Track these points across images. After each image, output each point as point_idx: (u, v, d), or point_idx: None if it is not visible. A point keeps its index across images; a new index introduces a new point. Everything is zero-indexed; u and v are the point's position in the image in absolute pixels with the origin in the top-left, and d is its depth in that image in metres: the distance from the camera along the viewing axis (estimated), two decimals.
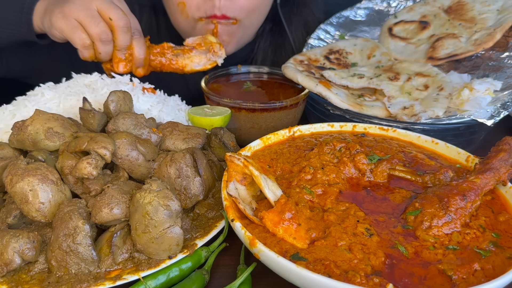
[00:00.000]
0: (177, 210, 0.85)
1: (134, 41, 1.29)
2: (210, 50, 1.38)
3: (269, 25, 1.77)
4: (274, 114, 1.30)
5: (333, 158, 1.01)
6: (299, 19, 1.77)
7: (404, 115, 1.26)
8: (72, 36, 1.22)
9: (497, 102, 1.25)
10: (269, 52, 1.77)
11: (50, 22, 1.24)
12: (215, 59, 1.39)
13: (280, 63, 1.65)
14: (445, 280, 0.73)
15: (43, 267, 0.85)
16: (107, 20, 1.23)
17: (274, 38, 1.78)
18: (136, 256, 0.87)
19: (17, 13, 1.30)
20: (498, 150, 0.97)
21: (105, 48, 1.25)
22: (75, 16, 1.21)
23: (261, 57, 1.77)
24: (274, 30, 1.78)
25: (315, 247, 0.79)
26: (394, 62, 1.52)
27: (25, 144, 1.00)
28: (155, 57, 1.35)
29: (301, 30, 1.78)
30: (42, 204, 0.87)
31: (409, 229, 0.84)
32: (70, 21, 1.21)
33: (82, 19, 1.21)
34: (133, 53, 1.30)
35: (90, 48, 1.25)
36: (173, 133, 1.10)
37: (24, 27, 1.31)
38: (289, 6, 1.76)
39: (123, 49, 1.28)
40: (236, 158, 0.93)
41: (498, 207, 0.91)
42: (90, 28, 1.21)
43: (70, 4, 1.22)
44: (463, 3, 1.64)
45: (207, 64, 1.39)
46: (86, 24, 1.21)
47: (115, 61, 1.29)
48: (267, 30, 1.77)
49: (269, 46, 1.78)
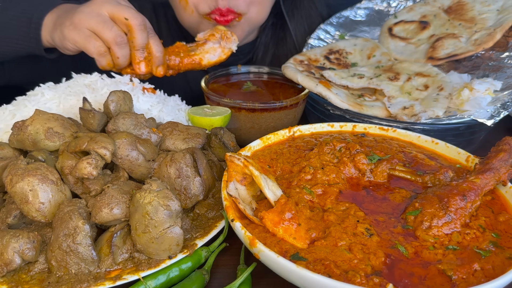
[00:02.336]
0: (177, 210, 0.85)
1: (150, 39, 1.28)
2: (223, 37, 1.38)
3: (272, 19, 1.76)
4: (274, 114, 1.30)
5: (333, 158, 1.01)
6: (302, 13, 1.76)
7: (404, 115, 1.26)
8: (87, 45, 1.21)
9: (497, 102, 1.25)
10: (270, 46, 1.76)
11: (62, 35, 1.23)
12: (229, 46, 1.39)
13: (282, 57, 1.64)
14: (445, 280, 0.73)
15: (43, 267, 0.85)
16: (123, 21, 1.22)
17: (275, 32, 1.77)
18: (136, 256, 0.87)
19: (25, 28, 1.28)
20: (498, 150, 0.97)
21: (122, 51, 1.23)
22: (86, 26, 1.20)
23: (262, 51, 1.76)
24: (276, 24, 1.77)
25: (315, 247, 0.79)
26: (394, 62, 1.52)
27: (25, 144, 1.00)
28: (171, 57, 1.35)
29: (303, 24, 1.77)
30: (42, 204, 0.87)
31: (409, 229, 0.84)
32: (82, 31, 1.21)
33: (95, 27, 1.20)
34: (152, 52, 1.28)
35: (107, 55, 1.24)
36: (173, 133, 1.10)
37: (33, 42, 1.30)
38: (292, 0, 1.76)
39: (142, 48, 1.26)
40: (236, 158, 0.93)
41: (498, 207, 0.91)
42: (104, 34, 1.20)
43: (80, 14, 1.21)
44: (463, 3, 1.64)
45: (222, 55, 1.39)
46: (100, 30, 1.20)
47: (136, 62, 1.27)
48: (269, 24, 1.76)
49: (271, 39, 1.77)
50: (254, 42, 1.77)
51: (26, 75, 1.60)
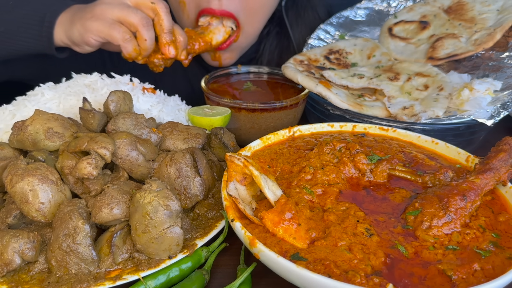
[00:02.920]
0: (177, 210, 0.85)
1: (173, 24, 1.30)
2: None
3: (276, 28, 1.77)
4: (274, 114, 1.30)
5: (333, 158, 1.01)
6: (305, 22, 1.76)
7: (404, 115, 1.26)
8: (111, 32, 1.21)
9: (497, 102, 1.25)
10: (275, 55, 1.77)
11: (84, 28, 1.23)
12: (229, 24, 1.49)
13: None
14: (445, 280, 0.73)
15: (43, 267, 0.85)
16: (148, 5, 1.24)
17: (280, 40, 1.78)
18: (136, 256, 0.87)
19: (37, 27, 1.28)
20: (498, 150, 0.97)
21: (149, 33, 1.24)
22: (109, 15, 1.22)
23: (267, 59, 1.77)
24: (281, 33, 1.78)
25: (315, 247, 0.79)
26: (394, 62, 1.52)
27: (25, 144, 1.00)
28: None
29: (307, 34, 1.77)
30: (42, 204, 0.87)
31: (409, 229, 0.84)
32: (105, 20, 1.22)
33: (119, 14, 1.21)
34: (177, 35, 1.30)
35: (132, 39, 1.24)
36: (173, 133, 1.10)
37: (44, 41, 1.30)
38: (296, 9, 1.76)
39: (170, 31, 1.27)
40: (236, 158, 0.93)
41: (498, 207, 0.91)
42: (130, 17, 1.21)
43: (101, 5, 1.23)
44: (463, 3, 1.64)
45: (225, 34, 1.48)
46: (125, 15, 1.21)
47: (165, 45, 1.28)
48: (274, 33, 1.77)
49: (276, 48, 1.78)
50: (255, 47, 1.77)
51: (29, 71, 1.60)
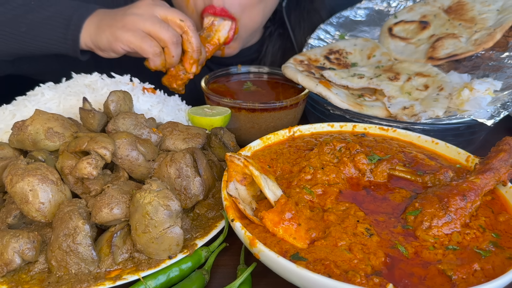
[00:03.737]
0: (177, 210, 0.85)
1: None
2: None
3: (279, 30, 1.77)
4: (274, 114, 1.30)
5: (333, 158, 1.01)
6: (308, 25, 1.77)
7: (404, 115, 1.26)
8: (143, 45, 1.24)
9: (497, 102, 1.25)
10: (278, 56, 1.78)
11: (114, 36, 1.25)
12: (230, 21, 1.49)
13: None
14: (445, 280, 0.73)
15: (43, 267, 0.85)
16: (176, 23, 1.28)
17: (283, 42, 1.78)
18: (136, 256, 0.87)
19: (62, 29, 1.30)
20: (498, 150, 0.97)
21: (177, 50, 1.29)
22: (141, 27, 1.24)
23: (269, 61, 1.78)
24: (283, 34, 1.78)
25: (315, 247, 0.79)
26: (394, 62, 1.52)
27: (25, 144, 1.00)
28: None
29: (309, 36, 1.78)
30: (42, 204, 0.87)
31: (409, 229, 0.84)
32: (137, 32, 1.24)
33: (150, 28, 1.24)
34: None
35: (162, 54, 1.29)
36: (173, 133, 1.10)
37: (69, 44, 1.31)
38: (299, 11, 1.76)
39: (199, 50, 1.33)
40: (236, 158, 0.93)
41: (498, 207, 0.91)
42: (161, 33, 1.24)
43: (132, 16, 1.25)
44: (463, 3, 1.64)
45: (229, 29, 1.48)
46: (156, 30, 1.24)
47: (190, 62, 1.34)
48: (276, 34, 1.78)
49: (278, 50, 1.78)
50: (256, 47, 1.77)
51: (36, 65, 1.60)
